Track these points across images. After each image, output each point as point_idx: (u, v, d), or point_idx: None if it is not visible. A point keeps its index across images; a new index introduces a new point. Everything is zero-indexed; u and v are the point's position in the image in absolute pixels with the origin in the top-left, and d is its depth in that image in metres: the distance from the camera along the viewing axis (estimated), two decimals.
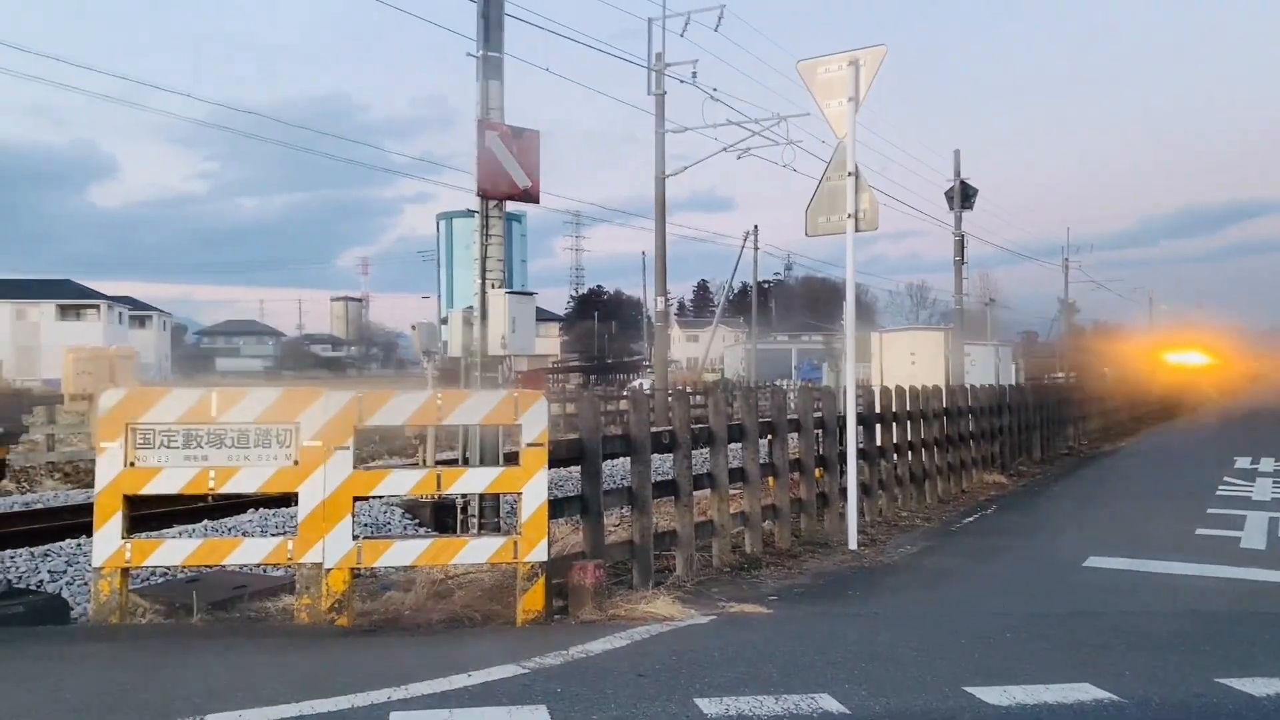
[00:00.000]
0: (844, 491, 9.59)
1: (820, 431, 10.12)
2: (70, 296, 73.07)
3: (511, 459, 7.20)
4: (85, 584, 8.06)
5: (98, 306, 73.01)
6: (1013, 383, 22.80)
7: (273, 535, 8.49)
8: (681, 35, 27.37)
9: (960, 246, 31.90)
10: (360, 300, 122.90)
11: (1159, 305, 79.63)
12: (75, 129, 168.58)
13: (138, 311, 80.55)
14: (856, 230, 9.06)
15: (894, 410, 11.79)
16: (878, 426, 11.33)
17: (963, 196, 31.38)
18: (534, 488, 6.04)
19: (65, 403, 25.16)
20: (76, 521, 10.71)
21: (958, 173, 31.40)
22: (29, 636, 5.56)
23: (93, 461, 6.68)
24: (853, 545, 9.12)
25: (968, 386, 15.62)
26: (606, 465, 7.65)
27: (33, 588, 7.99)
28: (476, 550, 6.10)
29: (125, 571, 5.87)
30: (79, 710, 4.18)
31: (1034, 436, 18.61)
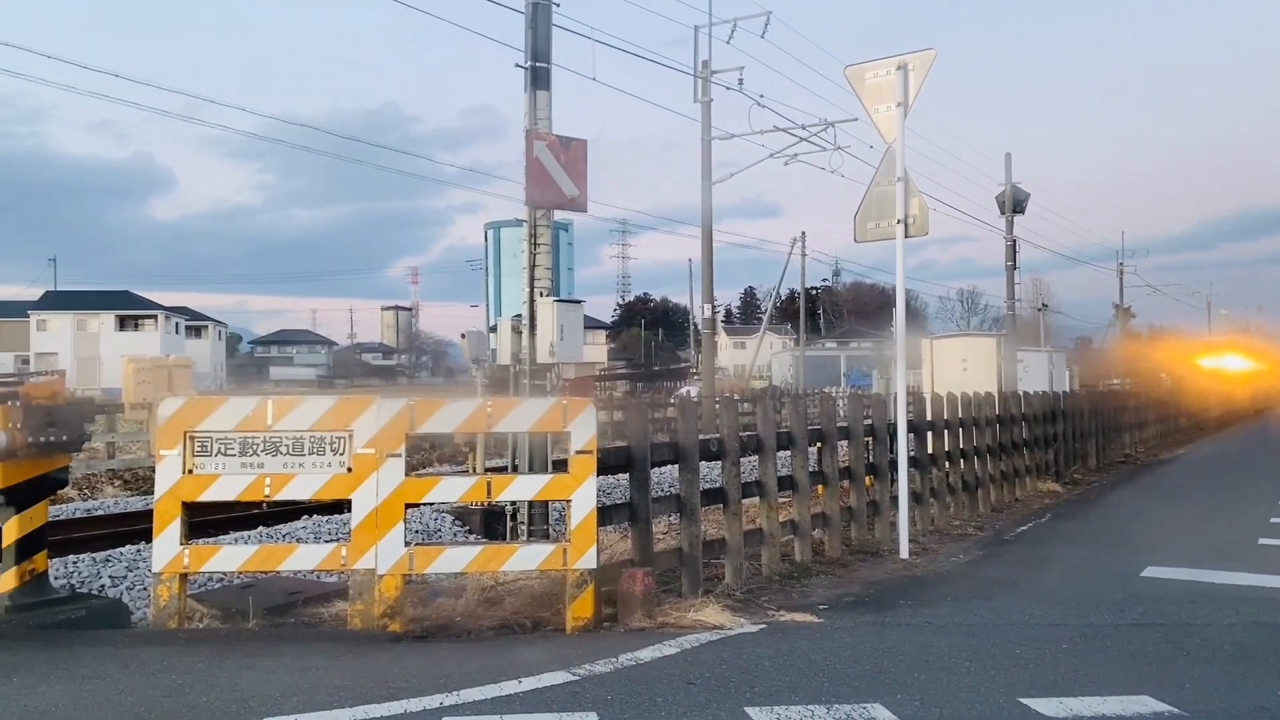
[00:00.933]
0: (895, 499, 9.50)
1: (870, 439, 10.03)
2: (129, 307, 74.77)
3: (560, 466, 7.23)
4: (145, 589, 8.23)
5: (155, 317, 74.63)
6: (1067, 389, 22.43)
7: (326, 542, 8.60)
8: (728, 42, 27.44)
9: (1012, 251, 31.50)
10: (410, 309, 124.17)
11: (1218, 310, 77.93)
12: (135, 143, 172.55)
13: (194, 322, 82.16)
14: (906, 236, 8.98)
15: (945, 417, 11.66)
16: (929, 434, 11.21)
17: (1014, 201, 31.00)
18: (583, 495, 6.06)
19: (125, 411, 25.69)
20: (136, 528, 10.94)
21: (1009, 177, 31.02)
22: (91, 639, 5.68)
23: (151, 469, 6.83)
24: (904, 554, 9.03)
25: (1021, 393, 15.40)
26: (654, 473, 7.65)
27: (94, 592, 8.18)
28: (526, 557, 6.13)
29: (184, 577, 5.98)
30: (138, 712, 4.27)
31: (1089, 444, 18.29)
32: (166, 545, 5.89)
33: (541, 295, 9.13)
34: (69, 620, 6.00)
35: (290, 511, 12.40)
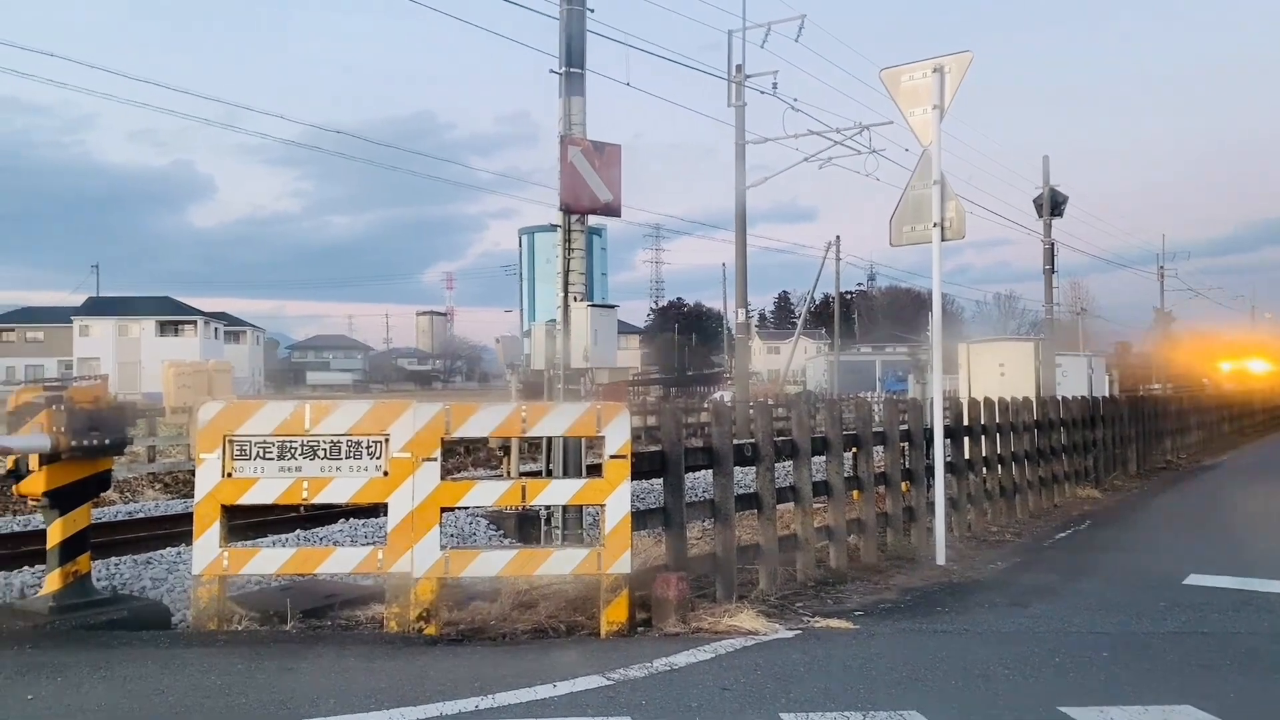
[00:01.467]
0: (931, 506, 9.42)
1: (906, 444, 9.95)
2: (169, 313, 75.91)
3: (594, 470, 7.24)
4: (185, 591, 8.33)
5: (195, 322, 75.68)
6: (1106, 394, 22.14)
7: (363, 545, 8.65)
8: (762, 46, 27.38)
9: (1050, 255, 31.18)
10: (445, 314, 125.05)
11: (1262, 313, 76.62)
12: (175, 151, 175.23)
13: (232, 327, 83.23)
14: (943, 239, 8.91)
15: (982, 423, 11.55)
16: (965, 439, 11.10)
17: (1052, 203, 30.69)
18: (617, 500, 6.06)
19: (166, 415, 26.05)
20: (176, 530, 11.08)
21: (1046, 179, 30.71)
22: (132, 640, 5.76)
23: (190, 472, 6.92)
24: (941, 560, 8.94)
25: (1059, 398, 15.22)
26: (688, 477, 7.64)
27: (136, 594, 8.29)
28: (561, 561, 6.14)
29: (223, 579, 6.05)
30: (179, 712, 4.32)
31: (1129, 450, 18.03)
32: (206, 548, 5.96)
33: (575, 300, 9.16)
34: (111, 621, 6.09)
35: (327, 515, 12.50)
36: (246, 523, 11.43)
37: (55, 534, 6.05)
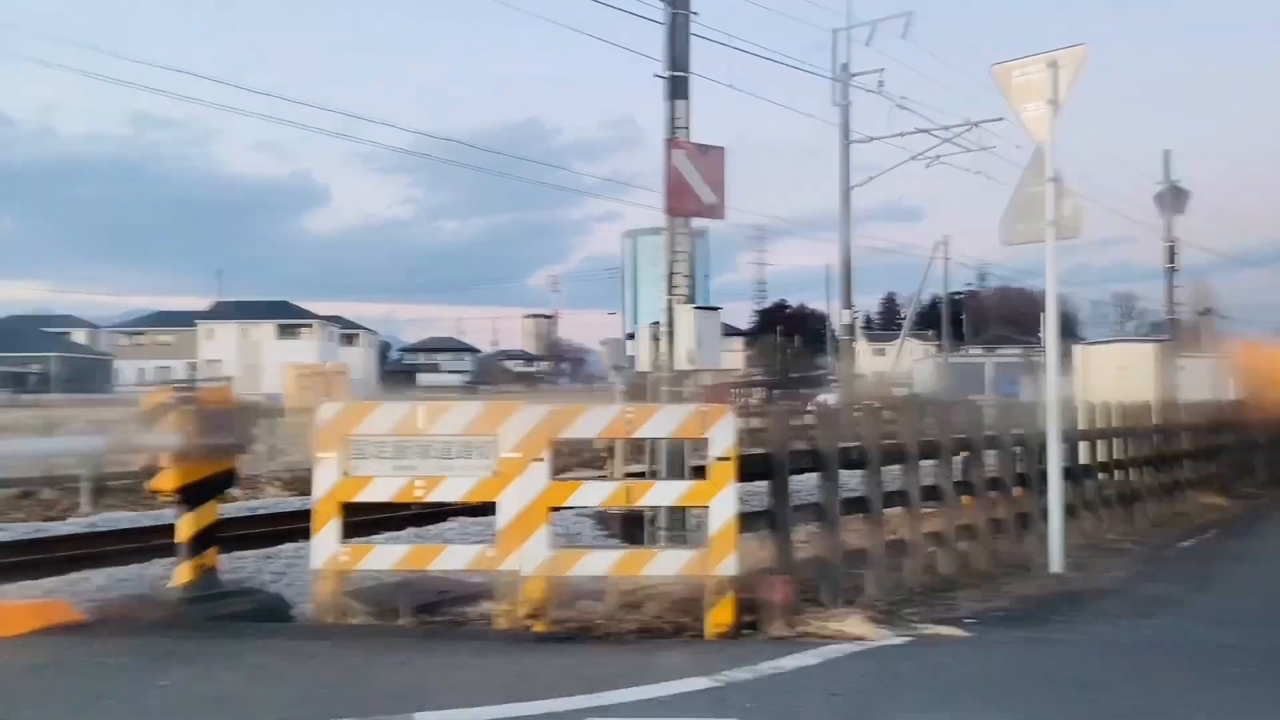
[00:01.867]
0: (1045, 512, 9.14)
1: (1020, 449, 9.69)
2: (288, 317, 78.85)
3: (699, 472, 7.25)
4: (304, 584, 8.63)
5: (311, 325, 78.41)
6: (1231, 398, 21.14)
7: (473, 543, 8.83)
8: (867, 44, 26.97)
9: (1171, 253, 29.95)
10: (550, 317, 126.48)
11: None
12: (295, 161, 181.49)
13: (347, 330, 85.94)
14: (1057, 238, 8.65)
15: (1100, 427, 11.17)
16: (1082, 444, 10.75)
17: (1173, 200, 29.49)
18: (722, 502, 6.07)
19: (287, 416, 27.01)
20: (294, 526, 11.47)
21: (1168, 175, 29.53)
22: (257, 631, 6.01)
23: (307, 470, 7.17)
24: (1056, 568, 8.67)
25: (1182, 402, 14.60)
26: (793, 481, 7.59)
27: (258, 587, 8.63)
28: (666, 562, 6.18)
29: (340, 574, 6.26)
30: (301, 702, 4.49)
31: (1258, 456, 17.18)
32: (324, 543, 6.17)
33: (680, 302, 9.19)
34: (236, 613, 6.35)
35: (435, 513, 12.76)
36: (357, 520, 11.78)
37: (185, 529, 6.34)
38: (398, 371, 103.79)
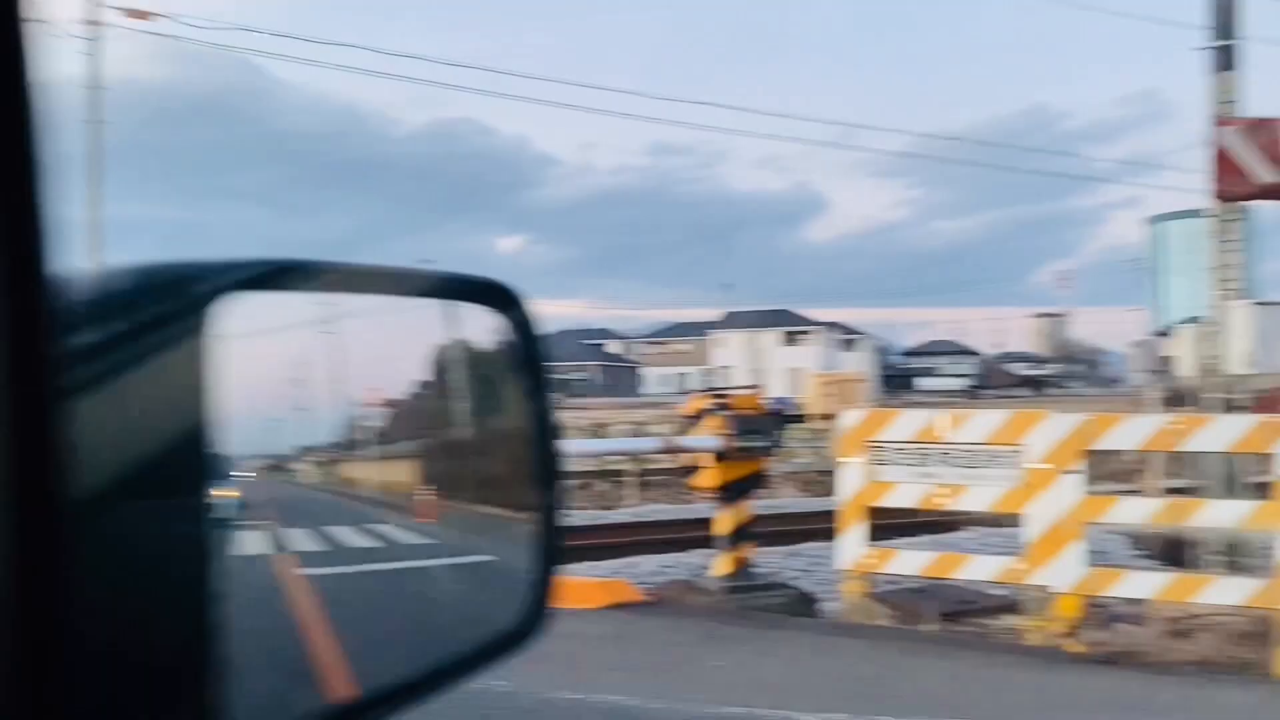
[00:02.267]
0: None
1: None
2: (789, 324, 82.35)
3: (1257, 490, 6.41)
4: (825, 583, 8.98)
5: (812, 332, 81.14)
6: None
7: (996, 554, 8.61)
8: None
9: None
10: (1060, 315, 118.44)
11: None
12: (794, 174, 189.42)
13: (845, 336, 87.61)
14: None
15: None
16: None
17: None
18: None
19: (810, 421, 28.30)
20: (812, 527, 11.92)
21: None
22: (788, 624, 6.38)
23: (819, 473, 7.48)
24: None
25: None
26: None
27: (786, 582, 9.13)
28: (1223, 591, 5.56)
29: (867, 575, 6.45)
30: (836, 694, 4.71)
31: None
32: (851, 545, 6.40)
33: (1232, 297, 8.17)
34: (769, 605, 6.80)
35: (946, 522, 12.53)
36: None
37: (725, 524, 6.92)
38: (894, 376, 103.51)
